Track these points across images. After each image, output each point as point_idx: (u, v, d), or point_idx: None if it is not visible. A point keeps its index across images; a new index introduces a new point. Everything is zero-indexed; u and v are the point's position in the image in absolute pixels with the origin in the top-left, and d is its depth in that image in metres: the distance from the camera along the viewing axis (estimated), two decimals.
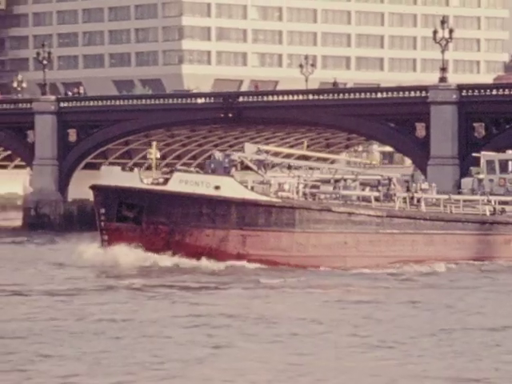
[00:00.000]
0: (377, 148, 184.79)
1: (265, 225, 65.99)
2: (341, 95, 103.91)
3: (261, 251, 65.44)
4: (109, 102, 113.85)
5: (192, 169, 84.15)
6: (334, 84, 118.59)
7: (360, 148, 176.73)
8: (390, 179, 72.51)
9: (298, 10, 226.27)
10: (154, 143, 73.19)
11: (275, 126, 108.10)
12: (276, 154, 74.11)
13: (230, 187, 65.89)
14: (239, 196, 65.67)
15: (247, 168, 69.77)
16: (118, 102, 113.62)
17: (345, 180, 71.46)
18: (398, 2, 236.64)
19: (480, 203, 73.21)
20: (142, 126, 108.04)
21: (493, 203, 73.44)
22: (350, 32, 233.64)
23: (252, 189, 66.97)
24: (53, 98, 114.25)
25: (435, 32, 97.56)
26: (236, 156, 69.21)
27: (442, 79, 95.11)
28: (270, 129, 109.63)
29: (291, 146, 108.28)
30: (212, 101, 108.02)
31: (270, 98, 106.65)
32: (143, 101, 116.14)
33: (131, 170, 71.73)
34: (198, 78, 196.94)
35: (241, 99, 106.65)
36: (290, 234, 66.39)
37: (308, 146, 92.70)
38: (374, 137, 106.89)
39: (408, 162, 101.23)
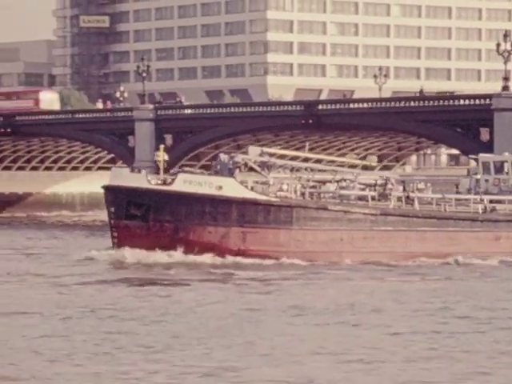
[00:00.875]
0: (444, 151, 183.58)
1: (264, 222, 64.55)
2: (411, 103, 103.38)
3: (260, 247, 63.82)
4: (201, 110, 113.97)
5: (196, 170, 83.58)
6: (421, 92, 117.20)
7: (429, 151, 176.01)
8: (388, 179, 70.93)
9: (372, 25, 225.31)
10: (162, 147, 71.82)
11: (351, 131, 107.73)
12: (279, 156, 72.91)
13: (232, 187, 64.51)
14: (240, 195, 64.04)
15: (251, 169, 67.98)
16: (209, 110, 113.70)
17: (344, 180, 69.92)
18: (464, 17, 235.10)
19: (471, 202, 70.89)
20: (231, 131, 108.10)
21: (485, 202, 71.09)
22: (420, 45, 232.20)
23: (252, 189, 65.47)
24: (151, 106, 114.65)
25: (498, 45, 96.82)
26: (240, 158, 67.59)
27: (505, 88, 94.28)
28: (346, 133, 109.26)
29: (366, 149, 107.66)
30: (294, 108, 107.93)
31: (347, 105, 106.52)
32: (232, 109, 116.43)
33: (139, 171, 69.83)
34: (281, 87, 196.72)
35: (320, 107, 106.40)
36: (287, 231, 64.78)
37: (380, 150, 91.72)
38: (442, 141, 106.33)
39: (473, 163, 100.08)
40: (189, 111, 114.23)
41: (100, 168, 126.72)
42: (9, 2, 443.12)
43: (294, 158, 74.07)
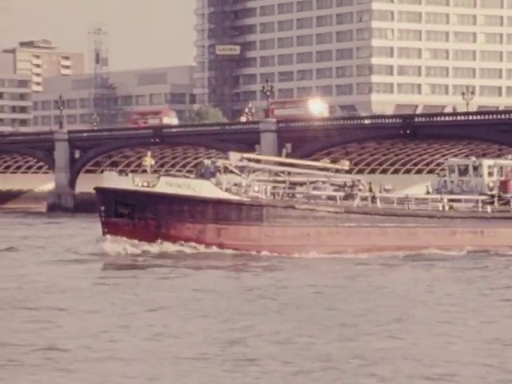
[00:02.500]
0: None
1: (236, 220, 61.43)
2: (493, 116, 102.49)
3: (233, 241, 60.80)
4: (315, 123, 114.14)
5: (177, 173, 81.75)
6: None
7: (509, 156, 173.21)
8: (358, 181, 67.76)
9: (461, 51, 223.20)
10: (149, 153, 68.91)
11: (442, 140, 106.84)
12: (257, 161, 69.13)
13: (207, 189, 61.68)
14: (215, 196, 61.34)
15: (232, 172, 64.65)
16: (322, 123, 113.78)
17: (316, 182, 66.91)
18: None
19: (430, 201, 67.86)
20: (340, 140, 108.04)
21: (444, 200, 67.88)
22: (502, 67, 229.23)
23: (227, 190, 62.21)
24: (273, 120, 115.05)
25: None
26: (220, 163, 64.80)
27: None
28: (438, 142, 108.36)
29: (455, 155, 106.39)
30: (394, 121, 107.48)
31: (439, 118, 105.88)
32: (342, 121, 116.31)
33: (126, 174, 66.93)
34: (383, 103, 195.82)
35: (416, 120, 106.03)
36: (258, 227, 61.50)
37: (466, 156, 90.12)
38: None
39: None
40: (303, 124, 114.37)
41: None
42: (157, 34, 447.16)
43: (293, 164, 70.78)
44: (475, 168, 69.84)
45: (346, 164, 72.09)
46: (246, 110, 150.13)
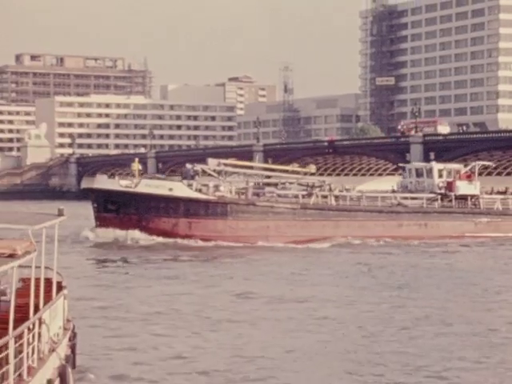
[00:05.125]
0: None
1: (204, 215, 58.06)
2: None
3: (202, 233, 57.30)
4: (453, 137, 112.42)
5: (158, 175, 78.32)
6: None
7: None
8: (324, 182, 64.34)
9: None
10: (136, 159, 64.63)
11: None
12: (233, 166, 65.72)
13: (180, 189, 58.20)
14: (186, 195, 57.94)
15: (210, 175, 61.76)
16: (457, 137, 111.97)
17: (284, 183, 63.58)
18: None
19: (380, 198, 63.60)
20: (473, 150, 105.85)
21: (397, 198, 63.73)
22: None
23: (198, 190, 58.73)
24: (420, 134, 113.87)
25: None
26: (198, 167, 61.67)
27: None
28: None
29: None
30: None
31: None
32: (474, 135, 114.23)
33: (113, 176, 62.75)
34: (507, 121, 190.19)
35: None
36: (223, 221, 58.07)
37: None
38: None
39: None
40: (442, 137, 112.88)
41: (388, 174, 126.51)
42: (331, 69, 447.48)
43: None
44: (428, 171, 66.39)
45: (313, 168, 69.16)
46: (399, 127, 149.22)
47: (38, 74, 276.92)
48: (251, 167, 66.99)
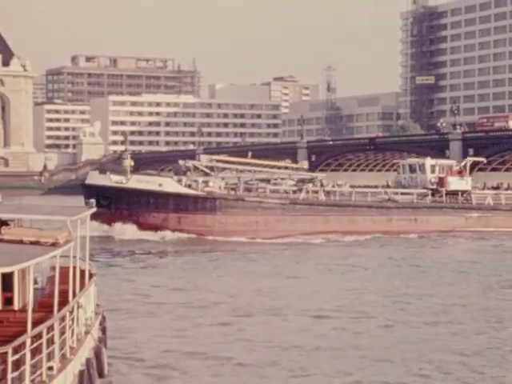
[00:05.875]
0: None
1: (193, 209, 56.31)
2: None
3: (191, 227, 55.76)
4: (491, 134, 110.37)
5: (149, 171, 76.34)
6: None
7: None
8: (316, 177, 61.89)
9: None
10: (129, 155, 63.41)
11: None
12: (225, 162, 63.78)
13: (169, 185, 57.08)
14: (175, 191, 56.47)
15: (202, 171, 59.97)
16: (495, 134, 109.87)
17: (276, 179, 61.55)
18: None
19: (369, 194, 61.72)
20: (509, 147, 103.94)
21: (388, 193, 61.75)
22: None
23: (188, 186, 57.22)
24: (460, 131, 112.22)
25: None
26: (190, 163, 60.38)
27: None
28: None
29: None
30: None
31: None
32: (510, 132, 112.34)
33: (104, 173, 61.20)
34: None
35: None
36: (212, 216, 56.40)
37: None
38: None
39: None
40: (483, 134, 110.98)
41: None
42: (372, 69, 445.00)
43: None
44: (420, 167, 64.85)
45: (304, 164, 67.62)
46: (439, 124, 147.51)
47: (92, 75, 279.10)
48: (243, 163, 66.05)
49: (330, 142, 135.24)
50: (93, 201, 18.66)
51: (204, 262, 42.40)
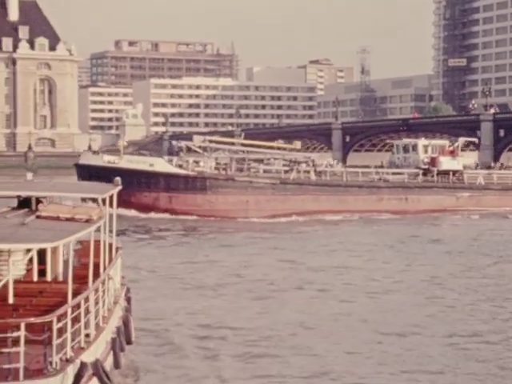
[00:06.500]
0: None
1: (184, 189, 54.64)
2: None
3: (182, 207, 54.08)
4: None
5: (143, 152, 74.19)
6: None
7: None
8: (309, 158, 59.89)
9: None
10: (124, 137, 61.92)
11: None
12: (218, 143, 61.87)
13: (160, 164, 55.65)
14: (166, 170, 54.78)
15: (196, 152, 58.32)
16: None
17: (269, 159, 59.61)
18: None
19: (360, 174, 59.73)
20: None
21: (380, 174, 59.87)
22: None
23: (179, 166, 55.46)
24: (491, 112, 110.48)
25: None
26: (183, 144, 58.62)
27: None
28: None
29: None
30: None
31: None
32: None
33: (97, 153, 59.30)
34: None
35: None
36: (203, 195, 54.78)
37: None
38: None
39: None
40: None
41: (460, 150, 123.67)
42: (405, 51, 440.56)
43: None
44: (413, 147, 62.94)
45: (298, 144, 65.74)
46: (470, 105, 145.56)
47: (134, 59, 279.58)
48: (236, 143, 64.26)
49: (366, 124, 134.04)
50: (118, 179, 18.75)
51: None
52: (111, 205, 17.58)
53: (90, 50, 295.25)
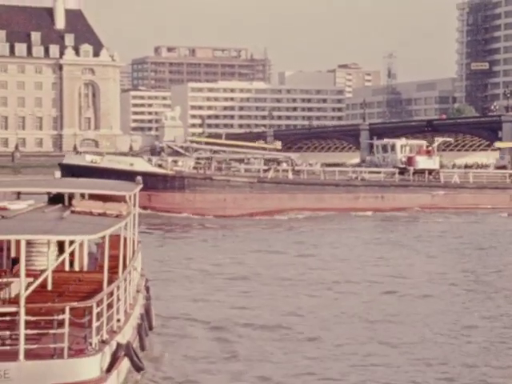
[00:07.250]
0: None
1: (163, 188, 53.51)
2: None
3: (161, 205, 52.77)
4: None
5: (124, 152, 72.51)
6: None
7: None
8: (289, 157, 58.38)
9: None
10: (104, 141, 60.51)
11: None
12: (199, 143, 60.45)
13: (140, 164, 54.51)
14: (145, 170, 52.73)
15: (177, 152, 57.03)
16: None
17: (249, 159, 58.50)
18: None
19: (337, 172, 58.59)
20: None
21: (357, 172, 58.77)
22: None
23: (158, 165, 54.31)
24: (511, 113, 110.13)
25: None
26: (164, 144, 57.58)
27: None
28: None
29: None
30: None
31: None
32: None
33: (80, 153, 57.92)
34: None
35: None
36: (181, 194, 53.67)
37: None
38: None
39: None
40: None
41: (481, 150, 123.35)
42: (430, 56, 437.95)
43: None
44: (392, 147, 61.65)
45: (278, 144, 64.35)
46: (492, 107, 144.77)
47: (173, 64, 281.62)
48: (217, 144, 63.34)
49: (392, 124, 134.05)
50: (139, 178, 19.11)
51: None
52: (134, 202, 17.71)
53: (131, 56, 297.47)
